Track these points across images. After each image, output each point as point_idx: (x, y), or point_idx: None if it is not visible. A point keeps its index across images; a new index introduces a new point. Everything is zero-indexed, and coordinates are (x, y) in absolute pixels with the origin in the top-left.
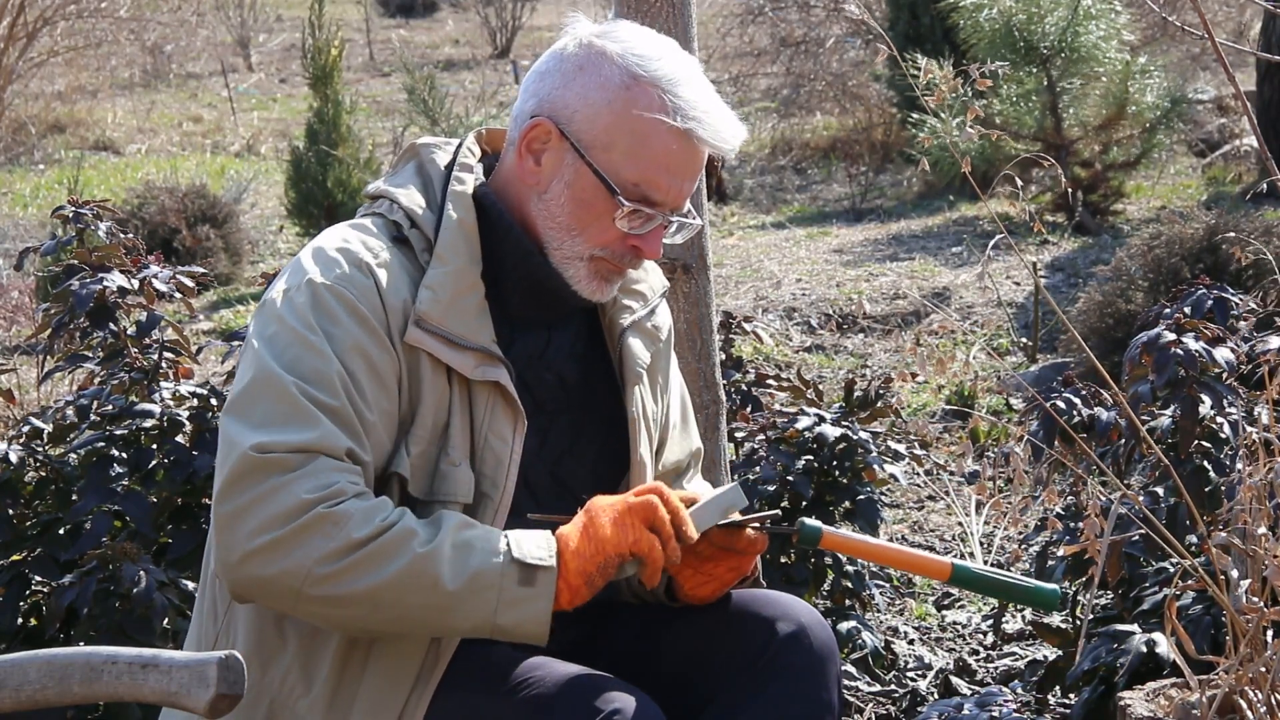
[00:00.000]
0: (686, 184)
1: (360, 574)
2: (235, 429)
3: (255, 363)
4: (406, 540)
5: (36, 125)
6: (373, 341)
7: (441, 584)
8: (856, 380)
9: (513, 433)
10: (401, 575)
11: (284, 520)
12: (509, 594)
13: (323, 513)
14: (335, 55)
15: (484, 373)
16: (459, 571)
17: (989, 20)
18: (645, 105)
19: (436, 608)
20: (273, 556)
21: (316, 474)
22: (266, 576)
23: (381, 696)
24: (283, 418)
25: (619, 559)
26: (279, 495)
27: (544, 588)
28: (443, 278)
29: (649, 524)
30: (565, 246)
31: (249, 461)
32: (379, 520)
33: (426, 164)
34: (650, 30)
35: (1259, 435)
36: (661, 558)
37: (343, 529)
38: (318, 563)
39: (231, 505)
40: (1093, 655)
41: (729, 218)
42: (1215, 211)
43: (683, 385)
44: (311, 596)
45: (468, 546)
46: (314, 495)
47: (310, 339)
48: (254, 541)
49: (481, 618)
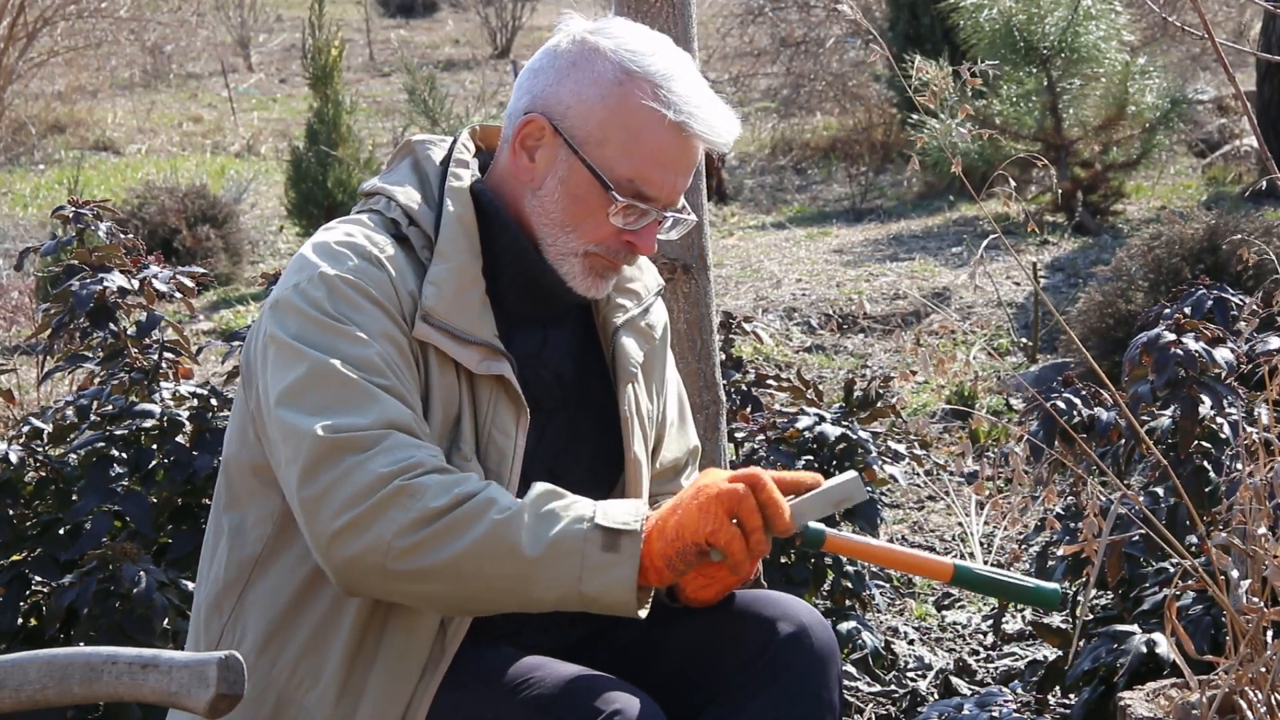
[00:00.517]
0: (681, 179)
1: (439, 544)
2: (297, 418)
3: (296, 356)
4: (485, 509)
5: (36, 125)
6: (396, 328)
7: (520, 551)
8: (856, 380)
9: (516, 427)
10: (480, 543)
11: (364, 496)
12: (592, 559)
13: (400, 484)
14: (335, 55)
15: (488, 367)
16: (539, 538)
17: (989, 20)
18: (639, 101)
19: (519, 576)
20: (355, 534)
21: (393, 449)
22: (352, 555)
23: (388, 690)
24: (342, 401)
25: (696, 547)
26: (356, 473)
27: (628, 554)
28: (446, 273)
29: (732, 513)
30: (560, 243)
31: (323, 444)
32: (457, 490)
33: (422, 161)
34: (643, 26)
35: (1259, 435)
36: (742, 551)
37: (419, 500)
38: (396, 535)
39: (311, 490)
40: (1093, 655)
41: (729, 218)
42: (1215, 212)
43: (680, 384)
44: (397, 572)
45: (551, 514)
46: (391, 469)
47: (342, 327)
48: (337, 522)
49: (566, 585)
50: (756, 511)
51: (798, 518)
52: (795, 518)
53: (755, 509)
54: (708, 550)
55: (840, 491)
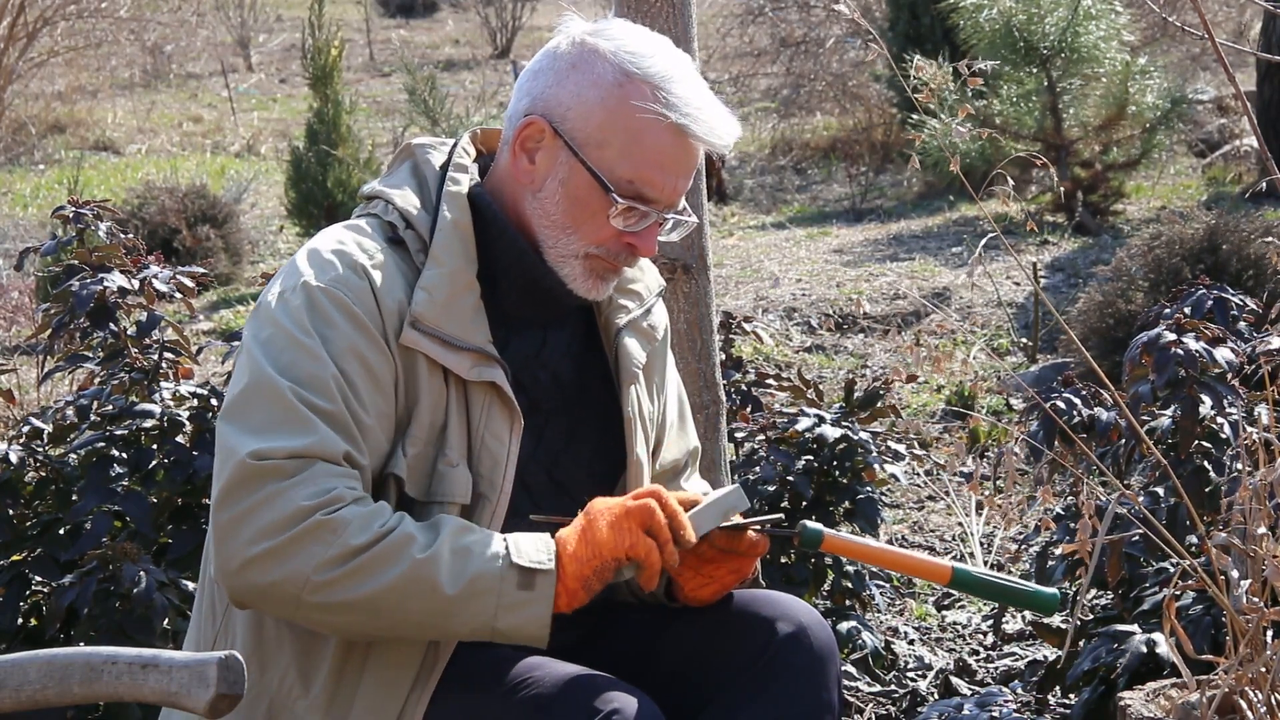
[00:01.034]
0: (681, 181)
1: (359, 581)
2: (231, 435)
3: (250, 367)
4: (405, 546)
5: (36, 125)
6: (368, 344)
7: (440, 589)
8: (856, 380)
9: (509, 433)
10: (400, 581)
11: (282, 528)
12: (508, 598)
13: (321, 519)
14: (335, 55)
15: (480, 373)
16: (458, 576)
17: (989, 20)
18: (639, 102)
19: (436, 612)
20: (271, 564)
21: (314, 480)
22: (265, 584)
23: (380, 697)
24: (278, 423)
25: (615, 563)
26: (276, 502)
27: (543, 591)
28: (438, 279)
29: (646, 528)
30: (560, 245)
31: (245, 469)
32: (377, 526)
33: (421, 164)
34: (643, 28)
35: (1259, 436)
36: (659, 562)
37: (341, 536)
38: (316, 570)
39: (229, 513)
40: (1093, 655)
41: (729, 218)
42: (1215, 212)
43: (680, 385)
44: (311, 603)
45: (466, 551)
46: (312, 502)
47: (305, 342)
48: (252, 549)
49: (481, 622)
50: (666, 526)
51: (695, 528)
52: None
53: (664, 523)
54: (625, 564)
55: (725, 502)
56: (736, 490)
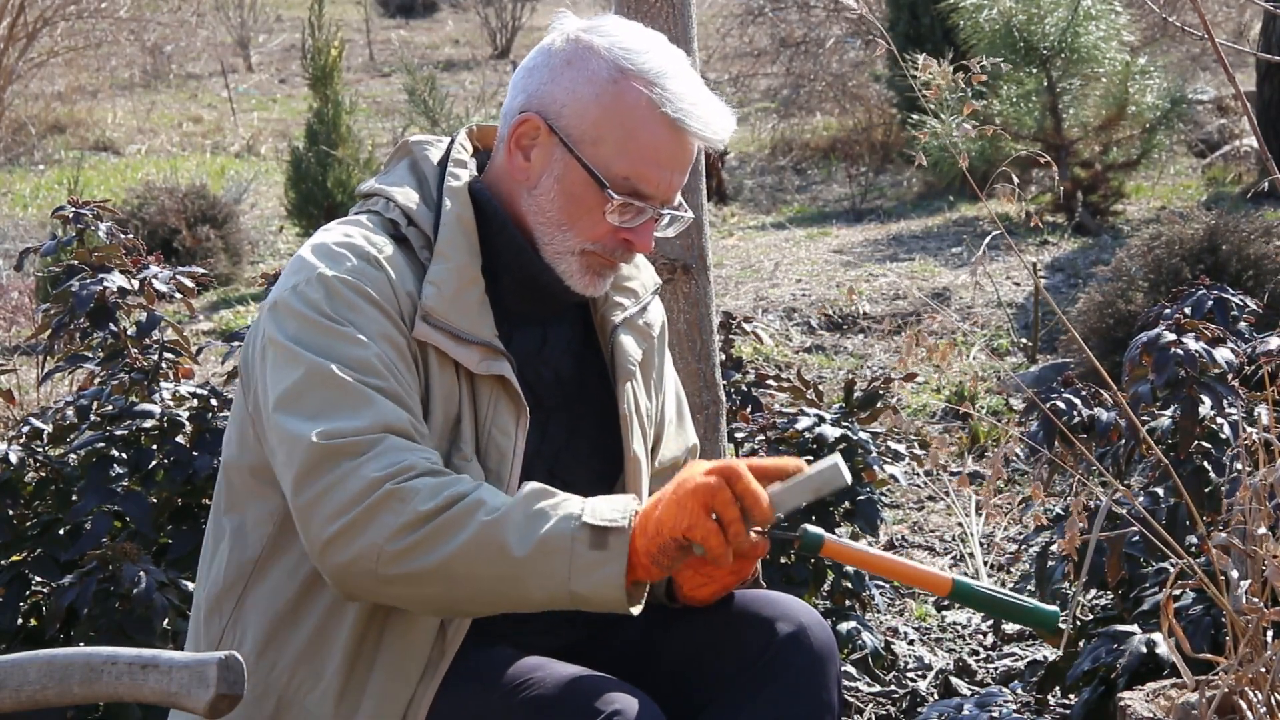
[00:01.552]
0: (676, 176)
1: (430, 548)
2: (293, 424)
3: (293, 359)
4: (473, 511)
5: (36, 125)
6: (394, 328)
7: (509, 551)
8: (856, 381)
9: (515, 427)
10: (469, 545)
11: (355, 502)
12: (581, 558)
13: (391, 489)
14: (335, 56)
15: (488, 367)
16: (527, 537)
17: (989, 21)
18: (633, 98)
19: (509, 577)
20: (348, 540)
21: (386, 453)
22: (346, 561)
23: (389, 690)
24: (338, 405)
25: (674, 543)
26: (350, 479)
27: (616, 550)
28: (445, 273)
29: (708, 508)
30: (556, 241)
31: (318, 450)
32: (447, 493)
33: (420, 161)
34: (637, 24)
35: (1259, 436)
36: (721, 544)
37: (410, 503)
38: (388, 540)
39: (306, 496)
40: (1093, 656)
41: (729, 218)
42: (1215, 212)
43: (677, 382)
44: (389, 576)
45: (540, 514)
46: (383, 473)
47: (339, 329)
48: (330, 528)
49: (556, 584)
50: (733, 503)
51: (777, 506)
52: (775, 506)
53: (731, 501)
54: (688, 545)
55: (820, 479)
56: (834, 466)
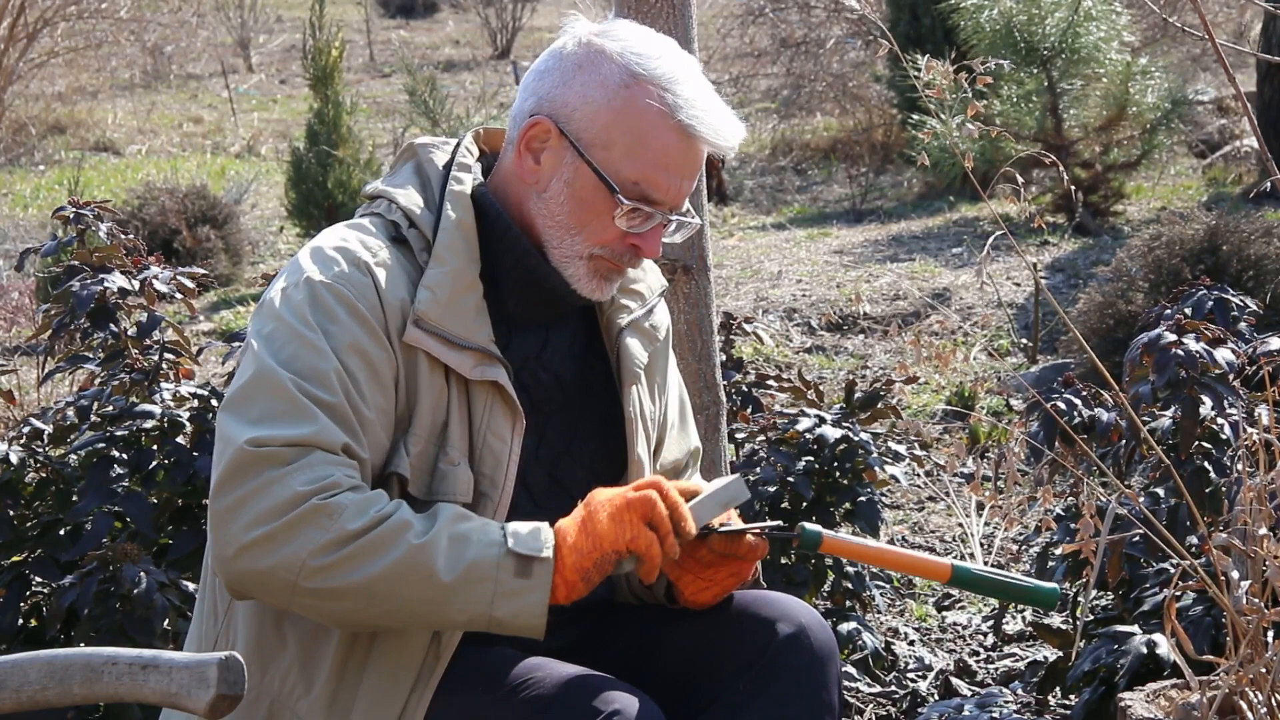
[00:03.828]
0: (686, 183)
1: (355, 566)
2: (231, 425)
3: (253, 360)
4: (401, 532)
5: (37, 126)
6: (371, 340)
7: (436, 576)
8: (857, 381)
9: (511, 432)
10: (396, 567)
11: (278, 513)
12: (505, 585)
13: (317, 504)
14: (336, 56)
15: (482, 372)
16: (454, 563)
17: (990, 21)
18: (644, 104)
19: (432, 600)
20: (267, 549)
21: (311, 467)
22: (261, 569)
23: (381, 696)
24: (279, 414)
25: (616, 555)
26: (273, 488)
27: (540, 579)
28: (441, 277)
29: (647, 520)
30: (565, 245)
31: (244, 456)
32: (374, 512)
33: (424, 164)
34: (649, 29)
35: (1259, 436)
36: (659, 555)
37: (337, 520)
38: (312, 555)
39: (227, 500)
40: (1093, 656)
41: (729, 218)
42: (1216, 212)
43: (681, 385)
44: (306, 589)
45: (464, 538)
46: (308, 488)
47: (308, 336)
48: (249, 534)
49: (477, 610)
50: (667, 517)
51: (696, 520)
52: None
53: (666, 514)
54: (625, 557)
55: (726, 493)
56: (737, 481)
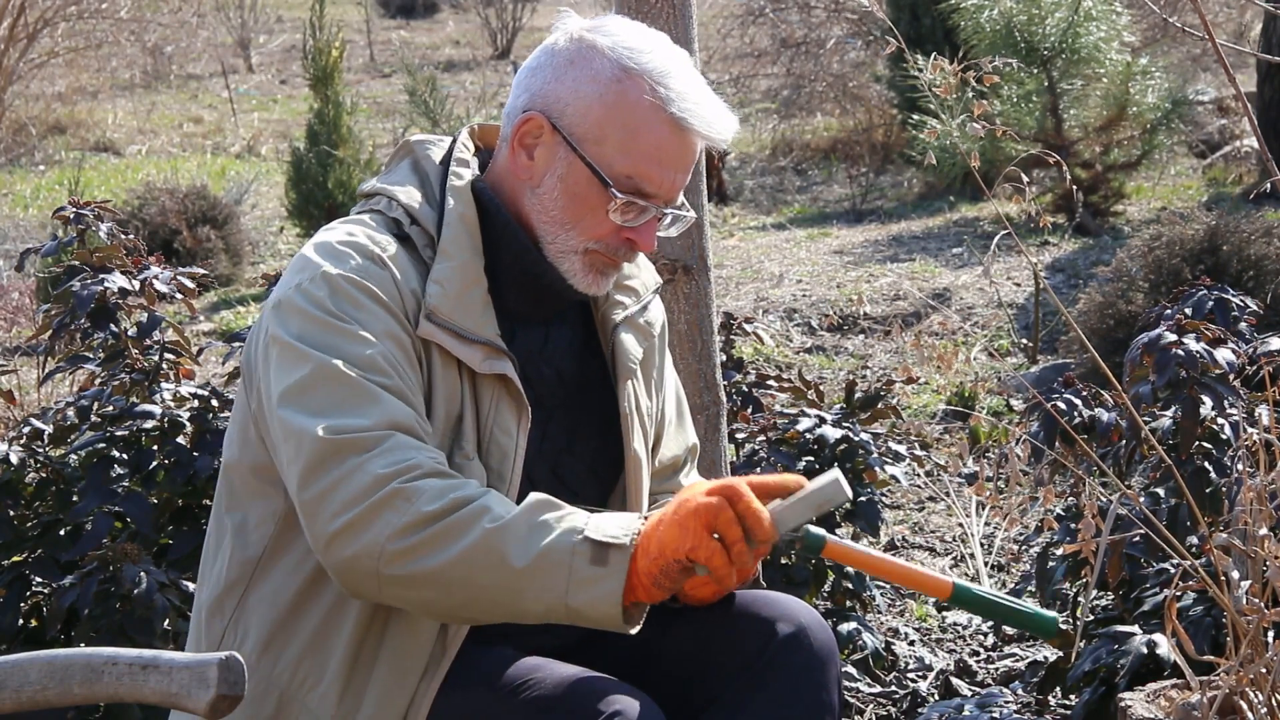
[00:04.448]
0: (679, 176)
1: (430, 551)
2: (299, 419)
3: (299, 357)
4: (478, 517)
5: (37, 126)
6: (399, 327)
7: (509, 561)
8: (857, 381)
9: (517, 426)
10: (469, 552)
11: (361, 498)
12: (579, 573)
13: (397, 487)
14: (336, 56)
15: (491, 366)
16: (528, 549)
17: (990, 21)
18: (636, 97)
19: (507, 587)
20: (352, 536)
21: (393, 450)
22: (349, 557)
23: (390, 689)
24: (344, 401)
25: (678, 565)
26: (357, 474)
27: (617, 567)
28: (449, 272)
29: (711, 528)
30: (560, 240)
31: (326, 445)
32: (453, 496)
33: (421, 160)
34: (640, 24)
35: (1260, 436)
36: (725, 565)
37: (414, 504)
38: (390, 539)
39: (313, 491)
40: (1093, 656)
41: (729, 218)
42: (1216, 213)
43: (677, 381)
44: (389, 577)
45: (544, 525)
46: (389, 470)
47: (344, 327)
48: (335, 523)
49: (553, 598)
50: (735, 523)
51: (779, 525)
52: (776, 525)
53: (734, 520)
54: (690, 566)
55: (821, 495)
56: (835, 482)
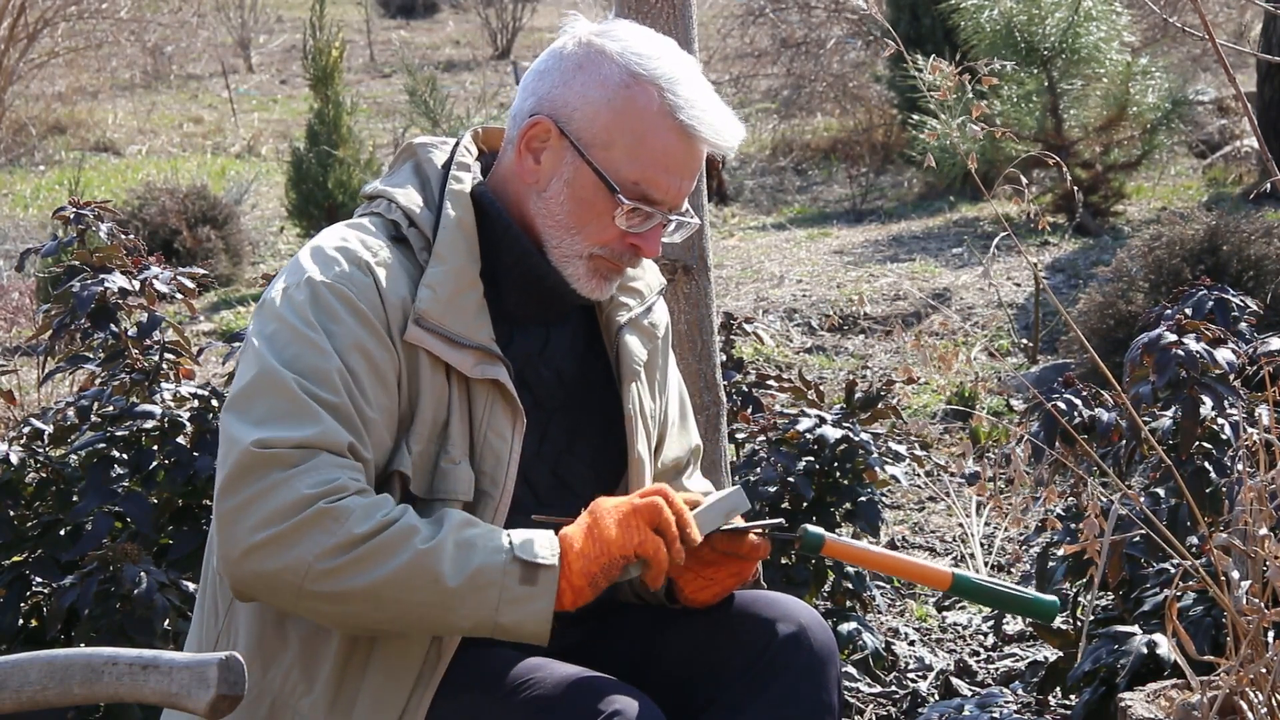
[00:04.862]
0: (686, 182)
1: (361, 570)
2: (236, 426)
3: (255, 360)
4: (408, 537)
5: (37, 126)
6: (373, 339)
7: (443, 581)
8: (857, 381)
9: (512, 431)
10: (402, 572)
11: (285, 515)
12: (510, 592)
13: (324, 508)
14: (336, 56)
15: (483, 371)
16: (460, 569)
17: (990, 21)
18: (644, 104)
19: (437, 605)
20: (274, 551)
21: (318, 469)
22: (268, 572)
23: (383, 696)
24: (283, 414)
25: (623, 560)
26: (280, 490)
27: (546, 586)
28: (442, 276)
29: (654, 525)
30: (564, 245)
31: (250, 457)
32: (380, 516)
33: (424, 163)
34: (649, 29)
35: (1260, 436)
36: (666, 560)
37: (344, 524)
38: (318, 558)
39: (233, 501)
40: (1093, 656)
41: (729, 219)
42: (1216, 213)
43: (681, 383)
44: (312, 593)
45: (470, 544)
46: (315, 490)
47: (310, 336)
48: (255, 536)
49: (483, 616)
50: (673, 523)
51: (700, 527)
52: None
53: (672, 520)
54: (633, 562)
55: (728, 502)
56: (738, 491)
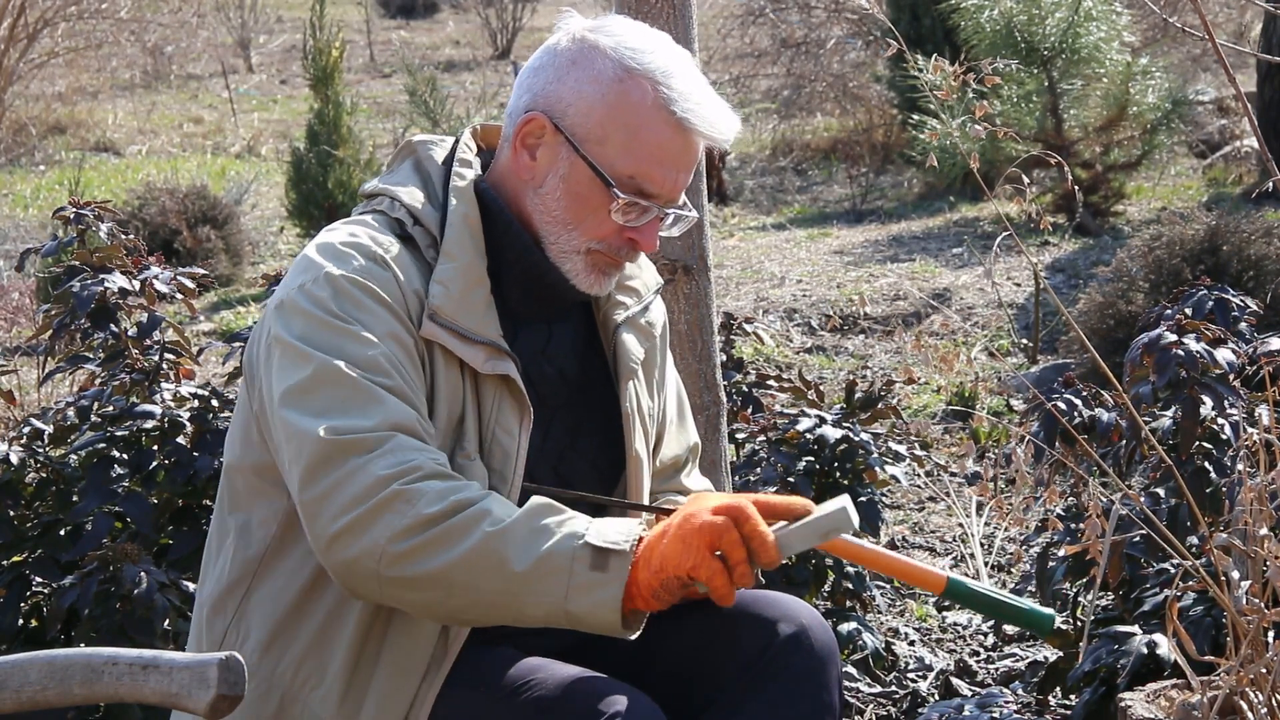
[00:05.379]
0: (682, 176)
1: (431, 553)
2: (302, 420)
3: (301, 357)
4: (478, 520)
5: (37, 126)
6: (402, 328)
7: (509, 565)
8: (857, 381)
9: (519, 426)
10: (471, 555)
11: (362, 499)
12: (579, 578)
13: (398, 489)
14: (336, 56)
15: (493, 366)
16: (529, 553)
17: (990, 21)
18: (639, 98)
19: (507, 591)
20: (353, 537)
21: (394, 451)
22: (349, 559)
23: (392, 689)
24: (346, 402)
25: (678, 581)
26: (358, 475)
27: (615, 573)
28: (452, 272)
29: (714, 547)
30: (562, 240)
31: (327, 446)
32: (454, 499)
33: (424, 161)
34: (642, 24)
35: (1260, 436)
36: (726, 584)
37: (415, 506)
38: (390, 540)
39: (314, 491)
40: (1094, 656)
41: (730, 219)
42: (1216, 213)
43: (679, 381)
44: (390, 578)
45: (544, 529)
46: (391, 470)
47: (347, 328)
48: (336, 524)
49: (552, 603)
50: (740, 545)
51: (783, 549)
52: (781, 549)
53: (739, 542)
54: (690, 583)
55: (828, 522)
56: (842, 510)
